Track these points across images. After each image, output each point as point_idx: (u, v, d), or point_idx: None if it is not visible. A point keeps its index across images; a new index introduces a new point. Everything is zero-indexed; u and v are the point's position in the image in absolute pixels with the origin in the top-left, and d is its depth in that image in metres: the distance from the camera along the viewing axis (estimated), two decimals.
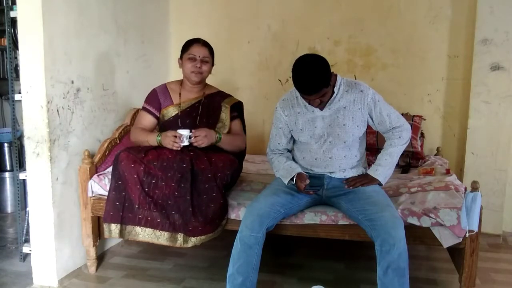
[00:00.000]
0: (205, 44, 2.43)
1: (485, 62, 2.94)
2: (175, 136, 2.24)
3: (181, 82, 2.52)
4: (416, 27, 3.20)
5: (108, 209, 2.26)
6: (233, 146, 2.43)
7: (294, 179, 2.09)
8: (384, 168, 2.12)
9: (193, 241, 2.18)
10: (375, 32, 3.27)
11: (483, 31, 2.92)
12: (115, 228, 2.25)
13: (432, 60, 3.21)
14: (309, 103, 2.06)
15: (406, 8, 3.21)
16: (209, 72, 2.45)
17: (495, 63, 2.92)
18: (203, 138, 2.26)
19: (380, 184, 2.13)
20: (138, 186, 2.21)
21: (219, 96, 2.52)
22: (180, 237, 2.19)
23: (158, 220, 2.21)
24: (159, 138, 2.30)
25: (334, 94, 2.08)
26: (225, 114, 2.46)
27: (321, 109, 2.11)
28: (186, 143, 2.24)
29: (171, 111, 2.44)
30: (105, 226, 2.27)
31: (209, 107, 2.46)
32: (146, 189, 2.21)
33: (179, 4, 3.61)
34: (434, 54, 3.20)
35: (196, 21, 3.60)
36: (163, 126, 2.46)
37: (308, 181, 2.05)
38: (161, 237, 2.22)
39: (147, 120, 2.47)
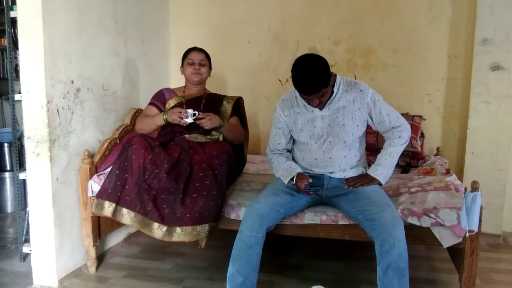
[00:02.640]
0: (201, 50, 2.70)
1: (485, 62, 2.94)
2: (180, 112, 2.41)
3: (184, 86, 2.74)
4: (416, 27, 3.20)
5: (106, 186, 2.29)
6: (234, 134, 2.64)
7: (294, 179, 2.09)
8: (384, 168, 2.12)
9: (178, 232, 2.17)
10: (375, 32, 3.27)
11: (483, 31, 2.92)
12: (109, 206, 2.27)
13: (432, 60, 3.21)
14: (308, 103, 2.06)
15: (406, 8, 3.21)
16: (208, 74, 2.70)
17: (495, 63, 2.92)
18: (207, 120, 2.43)
19: (380, 184, 2.13)
20: (141, 172, 2.25)
21: (220, 95, 2.75)
22: (164, 228, 2.19)
23: (149, 208, 2.23)
24: (165, 116, 2.47)
25: (334, 94, 2.08)
26: (225, 108, 2.67)
27: (321, 109, 2.10)
28: (190, 120, 2.41)
29: (177, 100, 2.64)
30: (96, 201, 2.30)
31: (211, 101, 2.68)
32: (146, 176, 2.25)
33: (179, 4, 3.61)
34: (434, 54, 3.20)
35: (196, 21, 3.60)
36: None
37: (310, 180, 2.05)
38: (148, 226, 2.22)
39: (153, 112, 2.62)
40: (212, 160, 2.29)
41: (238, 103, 2.76)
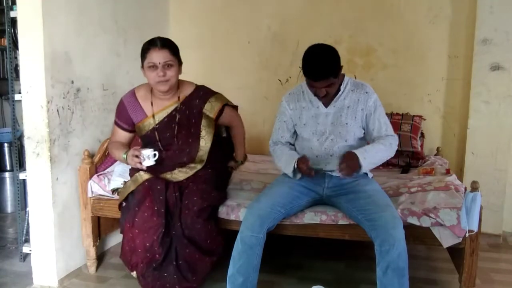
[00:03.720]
0: (164, 45, 2.12)
1: (485, 62, 2.94)
2: (137, 156, 2.07)
3: (151, 88, 2.24)
4: (416, 27, 3.20)
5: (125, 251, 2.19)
6: (244, 137, 2.51)
7: (296, 165, 2.08)
8: (368, 153, 2.04)
9: None
10: (375, 32, 3.27)
11: (483, 31, 2.92)
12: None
13: (432, 60, 3.21)
14: (315, 94, 2.07)
15: (406, 8, 3.21)
16: (178, 74, 2.19)
17: (495, 63, 2.92)
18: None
19: (359, 166, 2.03)
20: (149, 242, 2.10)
21: (198, 99, 2.26)
22: None
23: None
24: (125, 156, 2.15)
25: (340, 92, 2.12)
26: (207, 122, 2.26)
27: (326, 106, 2.13)
28: (151, 163, 2.09)
29: (147, 125, 2.24)
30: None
31: (188, 115, 2.23)
32: (155, 237, 2.10)
33: (179, 4, 3.61)
34: (434, 54, 3.20)
35: (196, 21, 3.60)
36: (142, 141, 2.34)
37: (310, 163, 2.04)
38: None
39: (121, 136, 2.31)
40: (191, 229, 2.10)
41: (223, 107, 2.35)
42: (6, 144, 3.75)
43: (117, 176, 2.42)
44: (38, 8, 2.18)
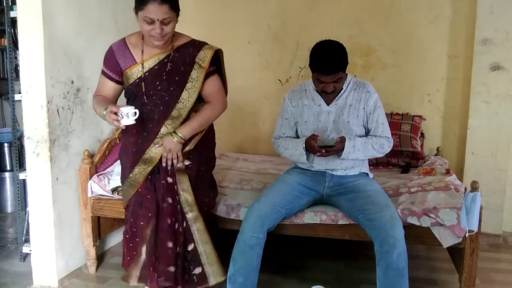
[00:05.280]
0: (164, 0, 1.84)
1: (485, 62, 2.94)
2: (116, 114, 1.84)
3: (143, 36, 2.00)
4: (416, 27, 3.20)
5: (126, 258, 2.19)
6: (208, 121, 2.06)
7: (304, 145, 2.08)
8: (357, 142, 2.07)
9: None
10: (375, 32, 3.27)
11: (483, 31, 2.93)
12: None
13: (432, 60, 3.21)
14: (322, 90, 2.08)
15: (406, 8, 3.21)
16: (174, 27, 1.96)
17: (495, 63, 2.92)
18: (169, 157, 1.97)
19: (341, 150, 2.06)
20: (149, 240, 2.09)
21: (193, 48, 2.05)
22: None
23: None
24: (104, 112, 1.89)
25: (342, 90, 2.13)
26: (197, 73, 2.01)
27: (328, 104, 2.14)
28: (130, 122, 1.86)
29: (135, 72, 2.00)
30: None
31: (180, 64, 2.02)
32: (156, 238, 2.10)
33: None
34: (434, 54, 3.20)
35: (196, 21, 3.59)
36: (127, 92, 2.06)
37: (320, 138, 2.06)
38: None
39: (107, 87, 2.05)
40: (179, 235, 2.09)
41: (216, 59, 2.10)
42: (6, 144, 3.75)
43: (117, 176, 2.42)
44: (38, 8, 2.18)
